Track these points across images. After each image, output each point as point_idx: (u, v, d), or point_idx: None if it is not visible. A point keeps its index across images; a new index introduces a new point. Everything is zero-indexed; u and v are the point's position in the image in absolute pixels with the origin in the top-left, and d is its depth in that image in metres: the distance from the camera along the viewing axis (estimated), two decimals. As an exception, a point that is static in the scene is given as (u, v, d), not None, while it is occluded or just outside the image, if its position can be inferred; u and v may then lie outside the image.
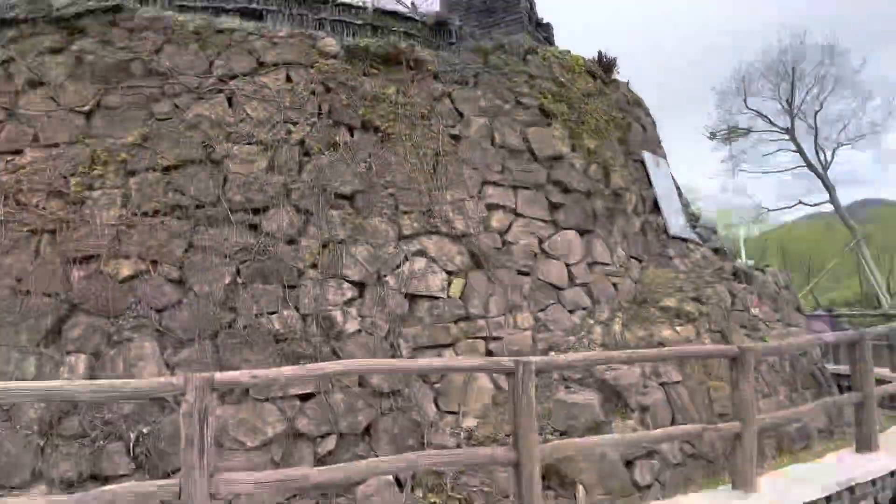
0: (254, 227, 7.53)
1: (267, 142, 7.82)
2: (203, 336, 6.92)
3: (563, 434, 7.55)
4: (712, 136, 38.58)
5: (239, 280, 7.27)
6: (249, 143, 7.80)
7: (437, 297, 8.08)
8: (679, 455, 7.97)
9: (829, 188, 33.81)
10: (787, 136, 35.45)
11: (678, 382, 8.53)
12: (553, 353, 8.54)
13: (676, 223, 12.05)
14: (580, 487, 6.88)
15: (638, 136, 12.28)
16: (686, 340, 9.05)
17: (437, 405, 7.76)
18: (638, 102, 13.14)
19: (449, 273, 8.32)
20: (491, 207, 8.95)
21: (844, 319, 19.96)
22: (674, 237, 11.82)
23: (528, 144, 9.63)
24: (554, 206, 9.53)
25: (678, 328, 9.11)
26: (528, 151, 9.62)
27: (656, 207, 11.72)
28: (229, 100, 8.25)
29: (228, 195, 7.54)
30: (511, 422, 4.98)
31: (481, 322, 8.29)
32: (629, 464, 7.51)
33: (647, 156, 12.07)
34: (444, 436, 7.39)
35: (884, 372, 15.31)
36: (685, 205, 14.31)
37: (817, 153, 35.07)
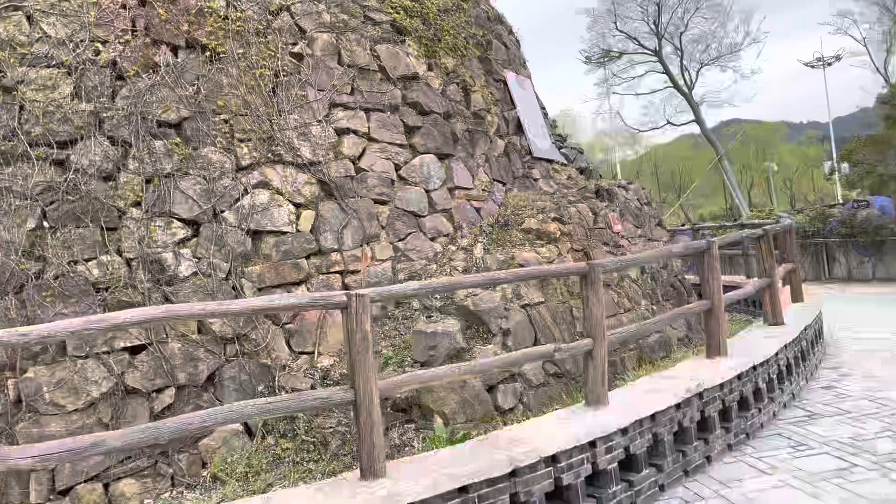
0: (60, 164, 6.57)
1: (70, 64, 6.78)
2: (5, 291, 6.03)
3: (423, 365, 7.28)
4: (588, 59, 38.97)
5: (46, 224, 6.36)
6: (49, 67, 6.73)
7: (284, 232, 7.47)
8: (542, 375, 7.93)
9: (694, 108, 35.15)
10: (655, 58, 36.31)
11: (540, 303, 8.44)
12: (415, 281, 8.19)
13: (542, 145, 11.87)
14: (438, 418, 6.67)
15: (500, 54, 11.87)
16: (548, 261, 8.95)
17: (289, 346, 7.27)
18: (499, 19, 12.68)
19: (297, 205, 7.70)
20: (341, 132, 8.32)
21: (708, 232, 20.95)
22: (538, 158, 11.65)
23: (379, 63, 8.99)
24: (410, 130, 9.03)
25: (540, 249, 8.98)
26: (381, 71, 8.99)
27: (520, 129, 11.46)
28: (29, 18, 7.08)
29: (26, 127, 6.51)
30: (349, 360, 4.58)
31: (336, 256, 7.79)
32: (492, 389, 7.39)
33: (510, 75, 11.71)
34: (298, 378, 6.94)
35: (739, 279, 16.20)
36: (552, 125, 14.19)
37: (683, 74, 36.21)
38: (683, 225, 30.33)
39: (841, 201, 24.42)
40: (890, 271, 18.68)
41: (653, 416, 5.90)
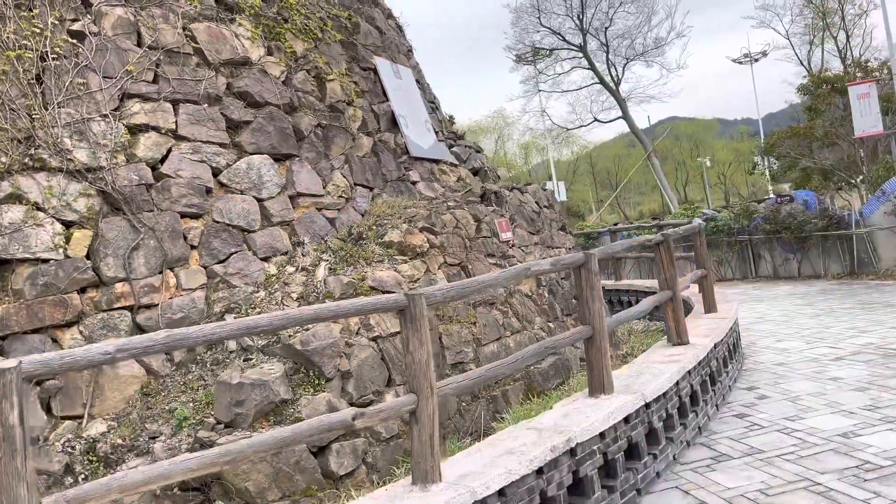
0: None
1: None
2: None
3: (228, 426, 5.66)
4: (518, 58, 37.82)
5: None
6: None
7: (45, 260, 5.74)
8: (396, 426, 6.40)
9: (621, 104, 34.37)
10: (580, 54, 35.41)
11: (398, 334, 6.90)
12: (232, 315, 6.57)
13: (423, 142, 10.37)
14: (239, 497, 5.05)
15: (371, 39, 10.33)
16: (411, 280, 7.42)
17: (49, 410, 5.54)
18: (374, 1, 11.14)
19: (67, 224, 5.98)
20: (137, 129, 6.62)
21: (625, 234, 19.83)
22: (418, 158, 10.15)
23: (195, 45, 7.32)
24: (237, 126, 7.38)
25: (402, 266, 7.45)
26: (197, 54, 7.32)
27: (395, 125, 9.93)
28: None
29: None
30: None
31: (122, 287, 6.08)
32: (322, 450, 5.82)
33: (382, 63, 10.17)
34: (46, 457, 5.22)
35: (650, 283, 15.07)
36: (448, 122, 12.72)
37: (609, 70, 35.41)
38: (616, 224, 29.41)
39: (770, 196, 23.73)
40: (815, 268, 17.86)
41: (502, 492, 4.43)
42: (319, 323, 6.08)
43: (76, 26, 6.60)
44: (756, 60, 41.42)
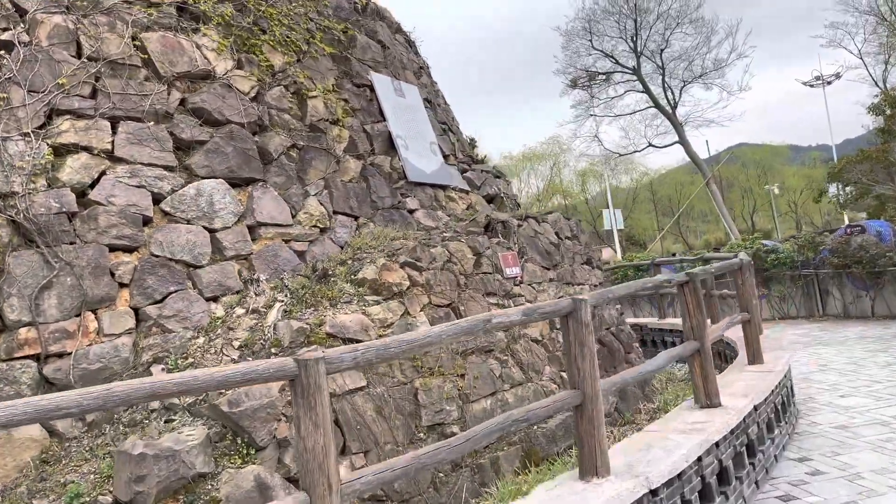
0: None
1: None
2: None
3: (126, 507, 4.65)
4: (574, 84, 36.68)
5: None
6: None
7: (-69, 300, 4.92)
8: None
9: (677, 128, 32.71)
10: (634, 77, 34.01)
11: (360, 390, 5.81)
12: (162, 367, 5.60)
13: (426, 166, 9.33)
14: None
15: (369, 54, 9.41)
16: (382, 324, 6.33)
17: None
18: (378, 14, 10.26)
19: (-35, 258, 5.16)
20: (64, 150, 5.80)
21: (681, 266, 18.26)
22: (419, 184, 9.11)
23: (144, 56, 6.51)
24: (188, 146, 6.50)
25: (372, 309, 6.37)
26: (147, 66, 6.51)
27: (392, 147, 8.93)
28: None
29: None
30: None
31: (28, 332, 5.20)
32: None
33: (381, 79, 9.22)
34: None
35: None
36: (457, 143, 11.66)
37: (665, 93, 33.85)
38: (675, 255, 27.69)
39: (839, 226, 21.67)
40: (891, 307, 15.88)
41: None
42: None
43: (5, 36, 5.87)
44: (829, 83, 39.02)
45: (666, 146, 34.15)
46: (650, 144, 34.75)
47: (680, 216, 57.81)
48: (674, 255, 21.60)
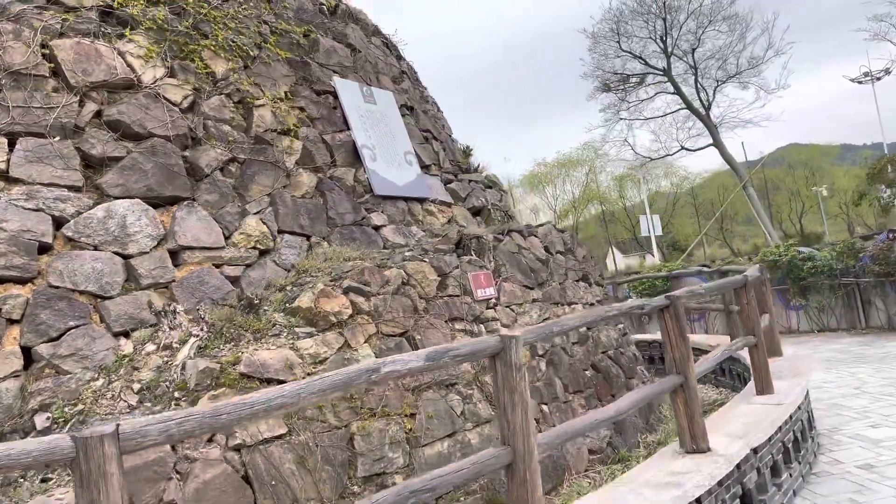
0: None
1: None
2: None
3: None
4: (606, 87, 35.60)
5: None
6: None
7: None
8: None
9: (711, 130, 31.31)
10: (665, 78, 32.75)
11: (279, 438, 5.05)
12: (48, 415, 4.93)
13: (399, 178, 8.57)
14: None
15: (334, 58, 8.71)
16: (314, 361, 5.56)
17: None
18: (350, 16, 9.56)
19: None
20: (-57, 172, 5.21)
21: (710, 275, 17.04)
22: (389, 197, 8.35)
23: (53, 66, 5.91)
24: (99, 164, 5.86)
25: (303, 343, 5.61)
26: (57, 76, 5.90)
27: (357, 158, 8.19)
28: None
29: None
30: None
31: None
32: None
33: (346, 85, 8.51)
34: None
35: (719, 340, 12.50)
36: (463, 153, 10.87)
37: (698, 94, 32.48)
38: (705, 265, 26.35)
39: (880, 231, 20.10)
40: (941, 318, 14.46)
41: None
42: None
43: None
44: (878, 79, 37.07)
45: (699, 149, 32.72)
46: (682, 147, 33.36)
47: (722, 221, 55.80)
48: (705, 265, 20.27)
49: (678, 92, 32.13)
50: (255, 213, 6.72)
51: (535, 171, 63.56)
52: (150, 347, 5.42)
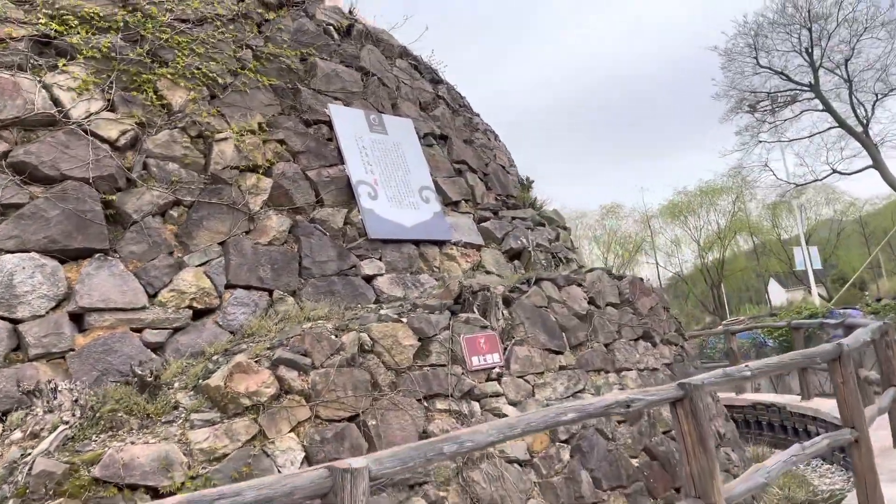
0: None
1: None
2: None
3: None
4: (752, 109, 32.48)
5: None
6: None
7: None
8: None
9: (870, 149, 27.25)
10: (812, 94, 29.12)
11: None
12: None
13: (408, 218, 7.26)
14: None
15: (335, 84, 7.61)
16: (209, 458, 4.32)
17: None
18: (370, 37, 8.46)
19: None
20: None
21: (739, 328, 13.90)
22: (392, 241, 7.05)
23: (-42, 103, 5.23)
24: (-3, 212, 5.06)
25: (197, 432, 4.40)
26: (-40, 116, 5.21)
27: (351, 195, 6.99)
28: None
29: None
30: None
31: None
32: None
33: (341, 112, 7.37)
34: None
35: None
36: (523, 185, 9.41)
37: (855, 110, 28.52)
38: (859, 307, 22.76)
39: None
40: None
41: None
42: None
43: None
44: None
45: (856, 172, 28.55)
46: (834, 171, 29.30)
47: (875, 251, 48.94)
48: (773, 315, 17.02)
49: (828, 109, 28.36)
50: (198, 265, 5.68)
51: (674, 201, 59.60)
52: (17, 435, 4.45)
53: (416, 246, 7.30)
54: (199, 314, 5.58)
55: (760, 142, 30.79)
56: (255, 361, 4.89)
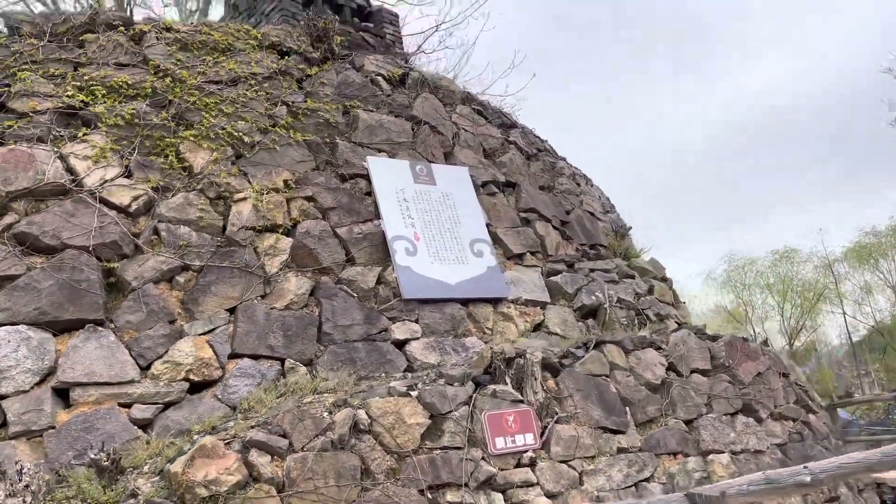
0: None
1: None
2: None
3: None
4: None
5: None
6: None
7: None
8: None
9: None
10: None
11: None
12: None
13: (452, 274, 6.52)
14: None
15: (380, 135, 7.14)
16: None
17: None
18: (429, 84, 7.99)
19: None
20: None
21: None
22: (435, 301, 6.34)
23: (-28, 178, 5.30)
24: (-7, 283, 4.99)
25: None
26: (-26, 190, 5.28)
27: (386, 252, 6.39)
28: None
29: None
30: None
31: None
32: None
33: (381, 164, 6.85)
34: None
35: None
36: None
37: None
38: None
39: None
40: None
41: None
42: None
43: None
44: None
45: None
46: None
47: None
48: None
49: None
50: (200, 334, 5.30)
51: (861, 242, 53.36)
52: (-23, 524, 4.18)
53: (464, 305, 6.52)
54: (197, 387, 5.17)
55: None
56: (227, 444, 4.34)
